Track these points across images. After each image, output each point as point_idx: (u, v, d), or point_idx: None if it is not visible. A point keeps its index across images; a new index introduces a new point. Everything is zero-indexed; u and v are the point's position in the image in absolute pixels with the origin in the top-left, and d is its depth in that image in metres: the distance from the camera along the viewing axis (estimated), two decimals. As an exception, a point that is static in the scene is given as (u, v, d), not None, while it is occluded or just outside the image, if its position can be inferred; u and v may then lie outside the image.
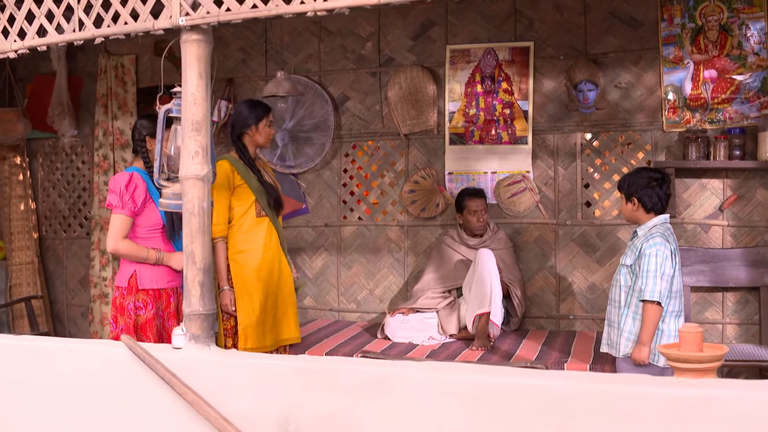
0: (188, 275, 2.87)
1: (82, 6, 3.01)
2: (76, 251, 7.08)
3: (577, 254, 5.62)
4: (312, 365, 2.73)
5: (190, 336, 2.88)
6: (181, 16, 2.81)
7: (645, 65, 5.41)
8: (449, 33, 5.86)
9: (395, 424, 2.60)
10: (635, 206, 4.18)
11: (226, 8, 2.75)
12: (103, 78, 6.74)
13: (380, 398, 2.62)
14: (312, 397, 2.70)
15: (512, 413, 2.49)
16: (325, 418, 2.67)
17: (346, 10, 2.60)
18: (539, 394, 2.48)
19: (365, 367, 2.68)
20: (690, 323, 2.85)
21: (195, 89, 2.83)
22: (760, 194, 5.22)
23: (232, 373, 2.79)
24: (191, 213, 2.86)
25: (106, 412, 2.91)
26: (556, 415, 2.44)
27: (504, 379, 2.53)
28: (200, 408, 2.74)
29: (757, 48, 5.14)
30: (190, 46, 2.85)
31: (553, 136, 5.65)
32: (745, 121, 5.18)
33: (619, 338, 4.18)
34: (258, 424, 2.73)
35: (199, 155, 2.84)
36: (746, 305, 5.26)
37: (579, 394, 2.43)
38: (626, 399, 2.39)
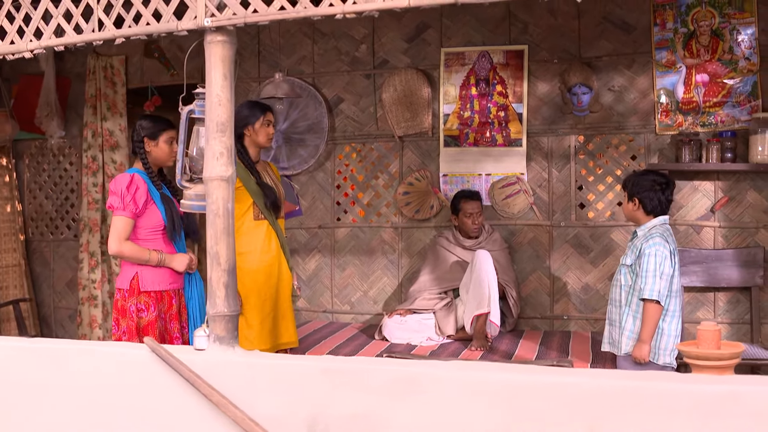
0: (213, 276, 2.87)
1: (102, 6, 2.99)
2: (63, 253, 7.01)
3: (570, 255, 5.69)
4: (340, 365, 2.75)
5: (215, 337, 2.88)
6: (207, 17, 2.81)
7: (638, 69, 5.49)
8: (444, 36, 5.90)
9: (424, 424, 2.62)
10: (636, 206, 4.26)
11: (253, 9, 2.76)
12: (92, 79, 6.69)
13: (409, 398, 2.64)
14: (340, 397, 2.71)
15: (541, 411, 2.53)
16: (354, 418, 2.69)
17: (375, 13, 2.62)
18: (568, 392, 2.52)
19: (394, 367, 2.71)
20: (707, 321, 2.92)
21: (220, 90, 2.83)
22: (750, 196, 5.32)
23: (259, 374, 2.80)
24: (216, 214, 2.86)
25: (129, 414, 2.90)
26: (585, 413, 2.49)
27: (533, 377, 2.57)
28: (227, 409, 2.74)
29: (747, 53, 5.25)
30: (214, 48, 2.85)
31: (547, 139, 5.71)
32: (736, 124, 5.29)
33: (620, 337, 4.25)
34: (285, 425, 2.74)
35: (224, 156, 2.84)
36: (737, 305, 5.36)
37: (607, 392, 2.48)
38: (654, 395, 2.44)
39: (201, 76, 6.41)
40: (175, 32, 2.90)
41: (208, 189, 2.87)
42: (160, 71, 6.65)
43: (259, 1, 2.74)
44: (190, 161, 3.14)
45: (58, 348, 3.07)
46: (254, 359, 2.84)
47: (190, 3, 2.87)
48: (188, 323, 4.38)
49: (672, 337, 4.19)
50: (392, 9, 2.61)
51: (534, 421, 2.53)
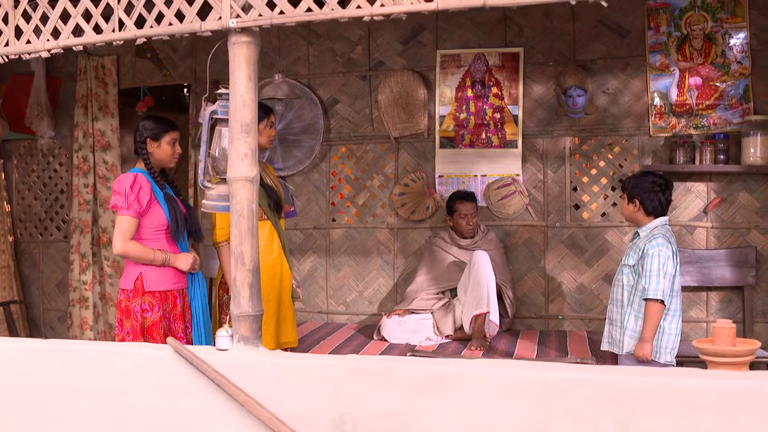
0: (237, 277, 2.88)
1: (123, 6, 2.99)
2: (53, 255, 6.95)
3: (565, 256, 5.76)
4: (367, 364, 2.77)
5: (239, 337, 2.89)
6: (232, 18, 2.82)
7: (632, 72, 5.58)
8: (439, 38, 5.95)
9: (453, 422, 2.65)
10: (636, 207, 4.32)
11: (279, 11, 2.77)
12: (83, 79, 6.64)
13: (437, 396, 2.67)
14: (367, 396, 2.74)
15: (571, 408, 2.57)
16: (382, 416, 2.72)
17: (403, 15, 2.66)
18: (597, 388, 2.57)
19: (421, 365, 2.73)
20: (723, 320, 2.99)
21: (244, 91, 2.84)
22: (742, 197, 5.43)
23: (285, 374, 2.82)
24: (240, 215, 2.87)
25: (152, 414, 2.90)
26: (614, 409, 2.54)
27: (562, 374, 2.61)
28: (253, 409, 2.75)
29: (739, 56, 5.36)
30: (239, 48, 2.86)
31: (542, 141, 5.78)
32: (728, 126, 5.39)
33: (622, 336, 4.31)
34: (312, 424, 2.76)
35: (248, 157, 2.85)
36: (729, 304, 5.46)
37: (636, 388, 2.53)
38: (681, 391, 2.50)
39: (194, 77, 6.46)
40: (199, 33, 2.90)
41: (232, 189, 2.88)
42: (153, 71, 6.62)
43: (286, 2, 2.75)
44: (213, 161, 3.14)
45: (76, 349, 3.06)
46: (280, 359, 2.85)
47: (214, 4, 2.88)
48: (191, 323, 4.37)
49: (673, 335, 4.26)
50: (420, 12, 2.64)
51: (564, 417, 2.57)
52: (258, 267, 2.92)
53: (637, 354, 4.20)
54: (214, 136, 3.21)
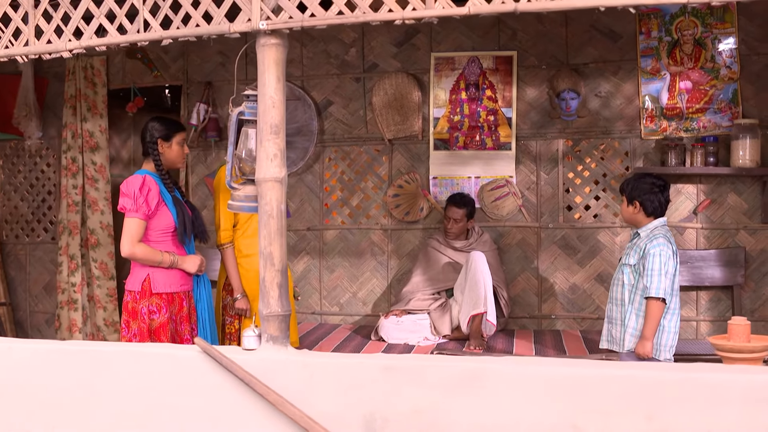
0: (266, 277, 2.90)
1: (148, 6, 2.99)
2: (40, 257, 6.88)
3: (558, 256, 5.85)
4: (399, 363, 2.81)
5: (268, 337, 2.91)
6: (262, 20, 2.84)
7: (624, 76, 5.69)
8: (433, 41, 6.01)
9: (484, 419, 2.70)
10: (636, 209, 4.40)
11: (310, 14, 2.80)
12: (72, 79, 6.58)
13: (469, 393, 2.72)
14: (399, 394, 2.78)
15: (600, 403, 2.64)
16: (413, 414, 2.76)
17: (434, 20, 2.70)
18: (625, 384, 2.64)
19: (453, 363, 2.78)
20: (738, 317, 3.07)
21: (274, 93, 2.86)
22: (731, 199, 5.56)
23: (315, 373, 2.84)
24: (269, 215, 2.89)
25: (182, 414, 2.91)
26: (644, 403, 2.61)
27: (591, 370, 2.68)
28: (284, 407, 2.78)
29: (728, 61, 5.49)
30: (268, 50, 2.88)
31: (535, 143, 5.86)
32: (717, 129, 5.52)
33: (623, 334, 4.39)
34: (343, 422, 2.79)
35: (277, 158, 2.88)
36: (719, 303, 5.59)
37: (664, 382, 2.60)
38: (708, 385, 2.58)
39: (186, 78, 6.44)
40: (227, 34, 2.92)
41: (261, 190, 2.90)
42: (143, 72, 6.59)
43: (317, 5, 2.78)
44: (239, 162, 3.16)
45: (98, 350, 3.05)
46: (310, 358, 2.88)
47: (242, 5, 2.89)
48: (197, 325, 4.37)
49: (672, 333, 4.34)
50: (451, 16, 2.68)
51: (593, 412, 2.63)
52: (286, 267, 2.94)
53: (638, 352, 4.28)
54: (240, 137, 3.22)
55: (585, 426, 2.64)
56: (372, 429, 2.77)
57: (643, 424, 2.60)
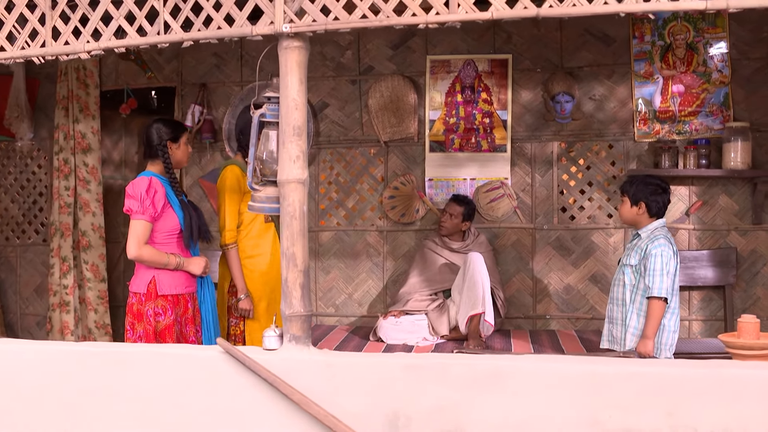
0: (289, 277, 2.92)
1: (168, 8, 3.01)
2: (31, 258, 6.83)
3: (553, 257, 5.92)
4: (421, 361, 2.85)
5: (291, 337, 2.93)
6: (285, 23, 2.87)
7: (617, 79, 5.78)
8: (429, 44, 6.06)
9: (506, 416, 2.75)
10: (641, 210, 4.47)
11: (333, 17, 2.83)
12: (64, 80, 6.53)
13: (491, 391, 2.77)
14: (421, 392, 2.81)
15: (621, 399, 2.70)
16: (436, 411, 2.80)
17: (457, 24, 2.75)
18: (646, 380, 2.70)
19: (475, 361, 2.82)
20: (747, 315, 3.15)
21: (296, 95, 2.89)
22: (722, 200, 5.67)
23: (338, 373, 2.87)
24: (292, 216, 2.92)
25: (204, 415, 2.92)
26: (663, 399, 2.67)
27: (612, 367, 2.73)
28: (308, 407, 2.80)
29: (720, 65, 5.59)
30: (290, 53, 2.91)
31: (530, 145, 5.94)
32: (709, 132, 5.63)
33: (624, 334, 4.46)
34: (366, 420, 2.83)
35: (300, 159, 2.91)
36: (710, 303, 5.69)
37: (684, 379, 2.67)
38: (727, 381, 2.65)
39: (180, 80, 6.44)
40: (249, 37, 2.94)
41: (284, 192, 2.92)
42: (137, 73, 6.57)
43: (340, 8, 2.81)
44: (261, 164, 3.18)
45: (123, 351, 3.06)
46: (333, 358, 2.91)
47: (265, 8, 2.92)
48: (201, 326, 4.38)
49: (672, 332, 4.43)
50: (474, 21, 2.73)
51: (614, 408, 2.69)
52: (308, 268, 2.97)
53: (640, 351, 4.35)
54: (261, 139, 3.24)
55: (606, 422, 2.69)
56: (395, 427, 2.81)
57: (663, 420, 2.66)
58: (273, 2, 2.86)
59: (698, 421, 2.63)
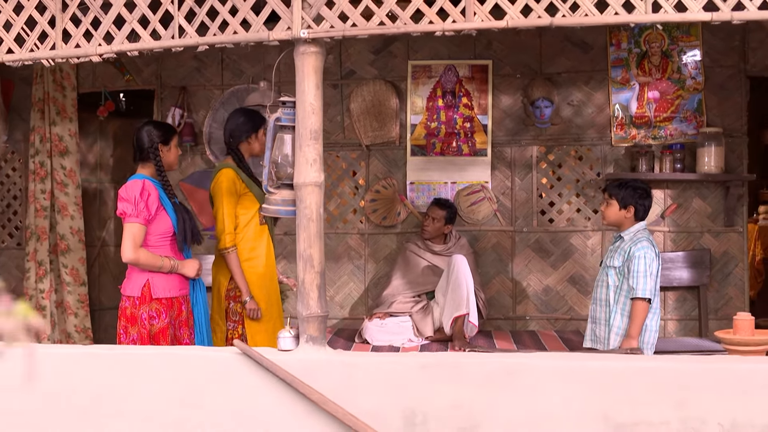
0: (306, 279, 2.97)
1: (183, 12, 3.03)
2: (4, 262, 6.74)
3: (532, 259, 6.05)
4: (437, 360, 2.92)
5: (308, 337, 2.98)
6: (303, 29, 2.92)
7: (595, 85, 5.93)
8: (410, 49, 6.14)
9: (521, 412, 2.84)
10: (629, 213, 4.60)
11: (351, 23, 2.89)
12: (40, 82, 6.47)
13: (506, 388, 2.85)
14: (438, 390, 2.89)
15: (630, 393, 2.80)
16: (452, 408, 2.87)
17: (473, 32, 2.83)
18: (654, 375, 2.80)
19: (488, 359, 2.90)
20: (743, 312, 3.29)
21: (313, 99, 2.95)
22: (696, 203, 5.86)
23: (356, 372, 2.93)
24: (309, 219, 2.97)
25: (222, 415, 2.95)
26: (671, 393, 2.78)
27: (622, 363, 2.84)
28: (327, 406, 2.85)
29: (693, 73, 5.78)
30: (307, 58, 2.96)
31: (510, 149, 6.06)
32: (683, 137, 5.81)
33: (608, 333, 4.59)
34: (384, 419, 2.89)
35: (317, 163, 2.96)
36: (684, 303, 5.87)
37: (691, 374, 2.78)
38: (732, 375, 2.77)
39: (159, 82, 6.42)
40: (266, 42, 2.99)
41: (300, 194, 2.97)
42: (115, 76, 6.53)
43: (359, 15, 2.87)
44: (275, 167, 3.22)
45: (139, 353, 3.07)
46: (350, 358, 2.97)
47: (282, 14, 2.96)
48: (194, 329, 4.39)
49: (653, 332, 4.57)
50: (489, 29, 2.81)
51: (624, 403, 2.80)
52: (324, 269, 3.02)
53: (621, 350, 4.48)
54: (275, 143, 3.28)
55: (616, 416, 2.80)
56: (413, 425, 2.88)
57: (671, 413, 2.77)
58: (290, 8, 2.91)
59: (706, 414, 2.74)
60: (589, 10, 2.78)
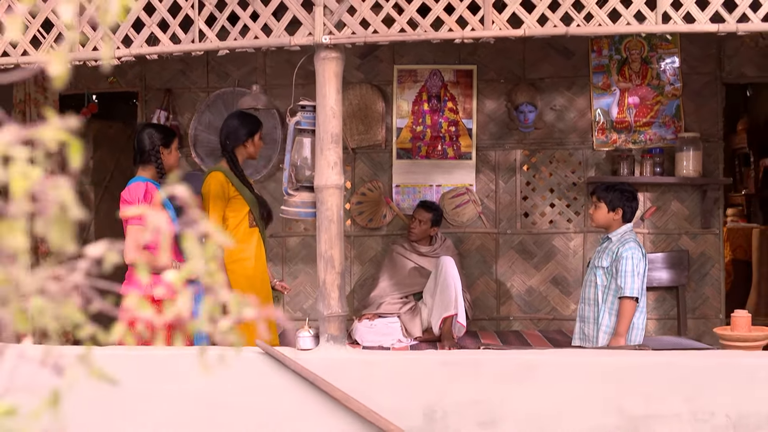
0: (327, 279, 3.03)
1: (204, 17, 3.08)
2: (-17, 266, 6.64)
3: (515, 261, 6.18)
4: (456, 357, 3.01)
5: (329, 337, 3.04)
6: (325, 35, 2.98)
7: (577, 90, 6.08)
8: (396, 53, 6.22)
9: (538, 406, 2.93)
10: (617, 215, 4.74)
11: (373, 30, 2.96)
12: (21, 84, 6.42)
13: (524, 383, 2.95)
14: (457, 386, 2.97)
15: (644, 387, 2.92)
16: (471, 404, 2.95)
17: (491, 40, 2.92)
18: (665, 369, 2.93)
19: (508, 356, 3.00)
20: (740, 310, 3.44)
21: (334, 104, 3.01)
22: (674, 206, 6.04)
23: (377, 370, 3.00)
24: (330, 220, 3.03)
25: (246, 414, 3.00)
26: (682, 386, 2.90)
27: (635, 359, 2.95)
28: (350, 403, 2.92)
29: (672, 79, 5.96)
30: (329, 63, 3.03)
31: (494, 153, 6.18)
32: (662, 142, 5.99)
33: (596, 332, 4.72)
34: (405, 415, 2.96)
35: (337, 165, 3.03)
36: (663, 302, 6.05)
37: (700, 368, 2.91)
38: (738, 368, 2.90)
39: (143, 85, 6.42)
40: (287, 47, 3.04)
41: (321, 196, 3.03)
42: (97, 78, 6.50)
43: (380, 22, 2.94)
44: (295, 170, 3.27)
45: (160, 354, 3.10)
46: (371, 356, 3.04)
47: (303, 20, 3.02)
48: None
49: (640, 330, 4.71)
50: (507, 37, 2.91)
51: (637, 396, 2.91)
52: (344, 270, 3.08)
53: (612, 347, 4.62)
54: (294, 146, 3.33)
55: (630, 408, 2.91)
56: (432, 420, 2.95)
57: (682, 405, 2.89)
58: (312, 14, 2.97)
59: (714, 406, 2.87)
60: (602, 20, 2.89)
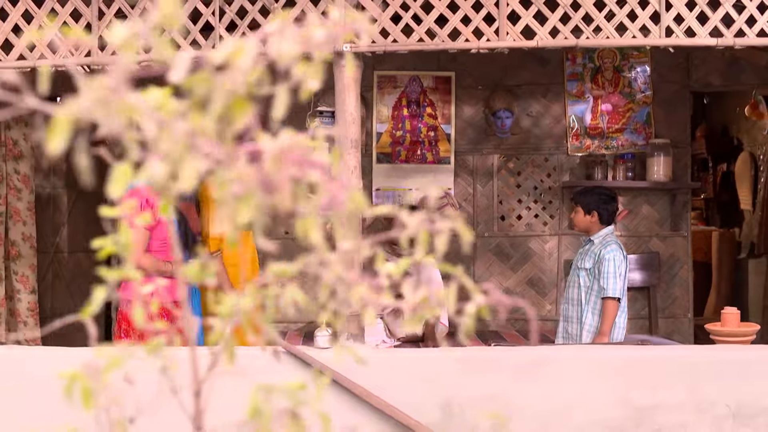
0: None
1: (225, 24, 3.15)
2: (-45, 270, 6.54)
3: (493, 263, 6.33)
4: (472, 354, 3.13)
5: (348, 335, 3.13)
6: (345, 44, 3.08)
7: (552, 97, 6.27)
8: (376, 60, 6.31)
9: (551, 399, 3.07)
10: (593, 218, 4.92)
11: (392, 39, 3.07)
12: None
13: (537, 378, 3.08)
14: (473, 382, 3.09)
15: (649, 380, 3.08)
16: (487, 398, 3.08)
17: (506, 50, 3.05)
18: (670, 363, 3.09)
19: (519, 352, 3.13)
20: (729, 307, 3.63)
21: (353, 110, 3.11)
22: (645, 209, 6.27)
23: (395, 367, 3.10)
24: (349, 222, 3.12)
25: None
26: (685, 379, 3.07)
27: (641, 353, 3.11)
28: (370, 399, 3.01)
29: (643, 87, 6.20)
30: (348, 71, 3.12)
31: (472, 157, 6.33)
32: (634, 148, 6.21)
33: (580, 331, 4.89)
34: (423, 410, 3.07)
35: (357, 170, 3.12)
36: (635, 302, 6.27)
37: (703, 362, 3.08)
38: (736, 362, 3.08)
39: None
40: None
41: (341, 199, 3.12)
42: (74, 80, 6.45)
43: (399, 31, 3.05)
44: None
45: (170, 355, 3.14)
46: (389, 354, 3.14)
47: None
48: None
49: (622, 329, 4.90)
50: (522, 48, 3.04)
51: (643, 388, 3.07)
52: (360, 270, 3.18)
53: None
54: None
55: (636, 399, 3.06)
56: (450, 415, 3.07)
57: (685, 396, 3.06)
58: (333, 22, 3.06)
59: (715, 397, 3.04)
60: (610, 33, 3.04)
